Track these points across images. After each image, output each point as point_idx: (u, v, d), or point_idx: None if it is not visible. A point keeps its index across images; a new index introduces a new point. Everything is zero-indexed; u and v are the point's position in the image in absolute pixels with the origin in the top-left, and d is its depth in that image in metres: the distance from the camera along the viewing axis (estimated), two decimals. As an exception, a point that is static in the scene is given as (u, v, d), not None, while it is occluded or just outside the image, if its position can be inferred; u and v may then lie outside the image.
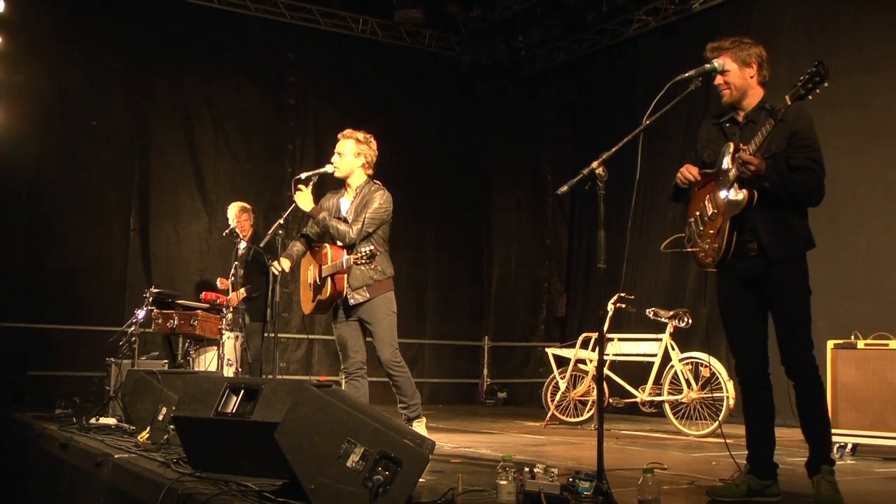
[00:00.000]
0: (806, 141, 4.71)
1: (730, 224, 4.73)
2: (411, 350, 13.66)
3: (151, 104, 12.24)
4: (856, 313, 8.85)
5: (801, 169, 4.70)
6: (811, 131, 4.75)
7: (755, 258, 4.77)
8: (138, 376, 7.11)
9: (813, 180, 4.71)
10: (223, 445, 4.42)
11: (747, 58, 4.84)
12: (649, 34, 13.13)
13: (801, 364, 4.75)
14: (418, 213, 13.89)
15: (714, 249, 4.82)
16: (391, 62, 13.98)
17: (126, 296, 11.56)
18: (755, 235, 4.75)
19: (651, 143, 12.22)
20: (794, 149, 4.70)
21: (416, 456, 4.05)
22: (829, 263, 8.90)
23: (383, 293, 6.88)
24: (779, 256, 4.72)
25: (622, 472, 5.58)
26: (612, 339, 9.93)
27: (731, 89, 4.87)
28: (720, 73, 4.88)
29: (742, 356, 4.97)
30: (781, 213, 4.73)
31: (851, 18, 10.47)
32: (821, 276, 5.73)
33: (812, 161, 4.70)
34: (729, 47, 4.89)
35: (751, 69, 4.85)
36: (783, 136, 4.68)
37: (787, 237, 4.75)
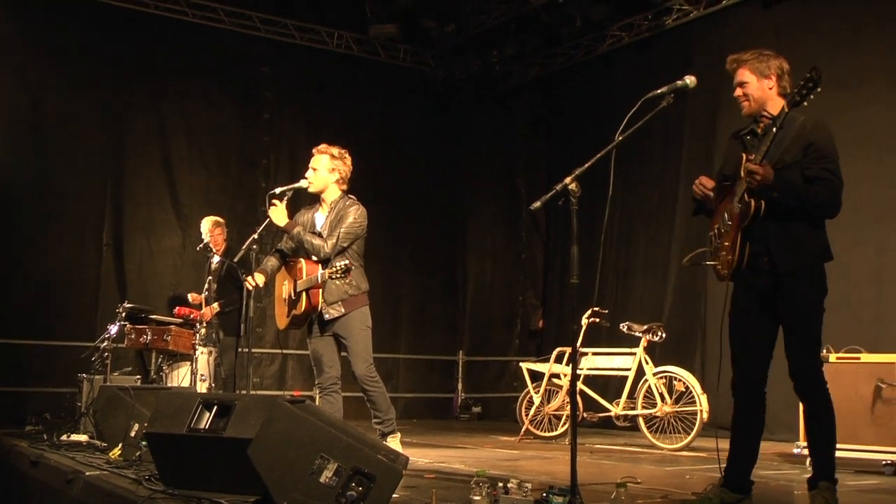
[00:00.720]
0: (822, 152, 4.71)
1: (741, 236, 4.72)
2: (385, 365, 13.62)
3: (125, 117, 12.17)
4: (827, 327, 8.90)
5: (816, 179, 4.69)
6: (828, 142, 4.76)
7: (768, 271, 4.77)
8: (110, 392, 7.07)
9: (828, 191, 4.70)
10: (196, 462, 4.39)
11: (766, 69, 4.87)
12: (623, 50, 13.21)
13: (809, 381, 4.76)
14: (392, 227, 13.87)
15: (728, 262, 4.82)
16: (366, 77, 13.98)
17: (99, 310, 11.48)
18: (766, 248, 4.74)
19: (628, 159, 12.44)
20: (809, 160, 4.70)
21: (389, 471, 4.05)
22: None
23: (358, 308, 6.87)
24: (788, 269, 4.72)
25: (596, 486, 5.59)
26: (586, 353, 9.96)
27: (749, 101, 4.92)
28: (739, 85, 4.92)
29: (742, 370, 4.97)
30: (794, 224, 4.72)
31: (823, 35, 10.58)
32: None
33: (827, 172, 4.69)
34: (748, 59, 4.94)
35: (769, 80, 4.87)
36: (799, 147, 4.70)
37: (799, 250, 4.73)
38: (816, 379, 4.77)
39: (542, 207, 4.53)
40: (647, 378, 9.34)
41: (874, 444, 7.06)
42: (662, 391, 9.23)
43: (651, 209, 12.65)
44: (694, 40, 12.22)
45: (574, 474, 4.18)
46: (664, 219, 12.41)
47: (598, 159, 4.51)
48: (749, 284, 4.88)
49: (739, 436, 4.99)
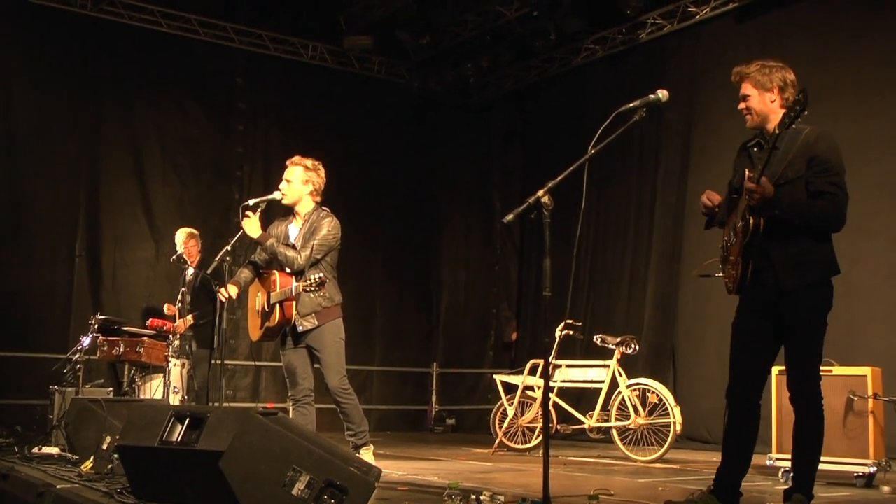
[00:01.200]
0: (826, 165, 4.72)
1: (743, 252, 4.74)
2: (359, 377, 13.59)
3: (98, 128, 12.09)
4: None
5: (820, 194, 4.70)
6: (832, 154, 4.77)
7: (771, 286, 4.77)
8: (82, 404, 7.03)
9: (832, 206, 4.71)
10: (168, 474, 4.38)
11: (767, 82, 4.90)
12: (597, 63, 13.29)
13: (806, 395, 4.77)
14: (366, 239, 13.86)
15: (732, 276, 4.83)
16: (341, 89, 13.97)
17: (71, 322, 11.38)
18: (770, 264, 4.75)
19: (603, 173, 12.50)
20: (813, 173, 4.71)
21: (361, 484, 4.05)
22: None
23: (332, 320, 6.86)
24: (792, 286, 4.72)
25: (569, 498, 5.59)
26: (559, 365, 9.97)
27: (752, 115, 4.93)
28: (742, 99, 4.95)
29: (739, 381, 4.94)
30: (798, 240, 4.72)
31: (794, 50, 10.66)
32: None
33: (831, 185, 4.70)
34: (751, 72, 4.96)
35: (771, 94, 4.89)
36: (802, 161, 4.70)
37: (802, 265, 4.73)
38: (814, 393, 4.78)
39: (515, 220, 4.54)
40: (621, 390, 9.36)
41: (846, 456, 7.09)
42: (636, 403, 9.25)
43: (626, 223, 12.71)
44: (668, 54, 12.32)
45: (546, 486, 4.18)
46: (639, 232, 12.48)
47: (570, 172, 4.52)
48: (754, 297, 4.89)
49: (732, 445, 4.96)
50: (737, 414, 4.95)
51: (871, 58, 10.12)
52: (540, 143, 14.33)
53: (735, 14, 11.40)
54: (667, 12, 12.04)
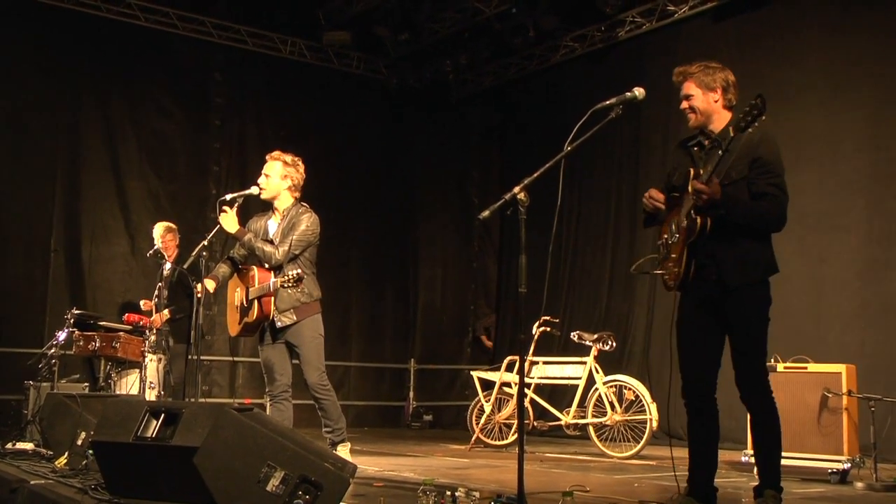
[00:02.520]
0: (768, 167, 4.77)
1: (687, 250, 4.78)
2: (336, 372, 13.58)
3: (74, 122, 12.00)
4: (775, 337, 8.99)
5: (762, 195, 4.75)
6: (774, 156, 4.82)
7: (714, 283, 4.82)
8: (57, 400, 6.99)
9: (774, 207, 4.77)
10: (143, 470, 4.36)
11: (711, 82, 4.93)
12: (576, 60, 13.30)
13: (755, 389, 4.83)
14: (344, 235, 13.84)
15: (675, 273, 4.87)
16: (319, 84, 13.94)
17: (46, 317, 11.30)
18: (714, 262, 4.79)
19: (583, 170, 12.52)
20: (755, 174, 4.75)
21: (336, 479, 4.04)
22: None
23: (310, 316, 6.87)
24: (737, 284, 4.78)
25: (545, 494, 5.61)
26: (537, 362, 10.00)
27: (696, 114, 4.96)
28: (685, 98, 4.97)
29: (691, 379, 5.00)
30: (741, 239, 4.78)
31: (770, 48, 10.75)
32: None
33: (773, 187, 4.75)
34: (694, 72, 4.99)
35: (715, 94, 4.93)
36: (745, 162, 4.74)
37: (747, 264, 4.80)
38: (762, 388, 4.84)
39: (492, 217, 4.54)
40: (598, 387, 9.40)
41: (820, 452, 7.16)
42: (612, 400, 9.29)
43: (606, 220, 12.74)
44: (646, 52, 12.35)
45: (521, 482, 4.18)
46: (619, 229, 12.52)
47: (546, 169, 4.52)
48: (695, 295, 4.94)
49: (695, 444, 5.02)
50: (696, 414, 5.02)
51: (844, 55, 10.18)
52: (519, 141, 14.33)
53: (712, 13, 11.45)
54: (645, 10, 12.06)
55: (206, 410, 4.08)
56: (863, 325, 9.66)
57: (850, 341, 9.50)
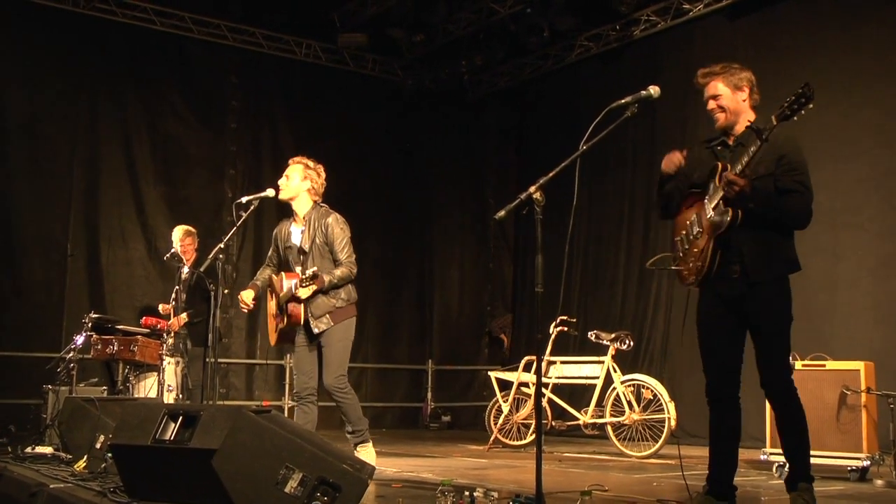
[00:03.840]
0: (794, 164, 4.76)
1: (714, 243, 4.77)
2: (353, 374, 13.57)
3: (91, 127, 12.05)
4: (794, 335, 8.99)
5: (788, 192, 4.74)
6: (799, 154, 4.81)
7: (737, 279, 4.82)
8: (75, 403, 7.01)
9: (800, 203, 4.77)
10: (161, 473, 4.37)
11: (739, 82, 4.93)
12: (591, 60, 13.28)
13: (780, 386, 4.82)
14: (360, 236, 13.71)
15: (697, 268, 4.86)
16: (334, 86, 13.96)
17: (64, 321, 11.36)
18: (739, 256, 4.79)
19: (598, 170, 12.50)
20: (781, 171, 4.75)
21: (355, 481, 4.05)
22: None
23: (345, 319, 6.96)
24: (761, 279, 4.78)
25: (563, 494, 5.61)
26: (554, 362, 9.99)
27: (725, 113, 4.95)
28: (712, 98, 4.96)
29: (715, 376, 5.00)
30: (767, 235, 4.77)
31: (787, 45, 10.72)
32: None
33: (799, 184, 4.75)
34: (720, 72, 4.97)
35: (742, 93, 4.93)
36: (772, 159, 4.74)
37: (771, 260, 4.79)
38: (788, 385, 4.83)
39: (508, 217, 4.54)
40: (616, 386, 9.37)
41: (839, 450, 7.13)
42: (630, 399, 9.27)
43: (620, 219, 12.73)
44: (662, 51, 12.32)
45: (539, 482, 4.18)
46: (634, 229, 12.51)
47: (562, 169, 4.52)
48: (717, 292, 4.93)
49: (717, 442, 5.02)
50: (719, 413, 5.01)
51: (859, 51, 10.16)
52: (534, 141, 14.32)
53: (728, 11, 11.41)
54: (660, 9, 12.04)
55: (224, 413, 4.09)
56: (877, 321, 9.63)
57: (863, 338, 9.48)
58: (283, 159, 13.37)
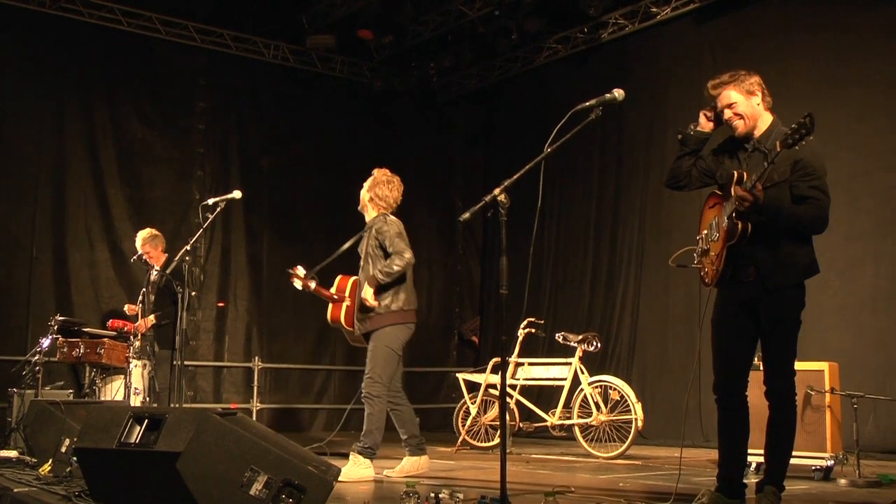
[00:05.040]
0: (809, 169, 4.78)
1: (727, 252, 4.82)
2: (321, 376, 13.62)
3: (58, 128, 11.92)
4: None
5: (804, 199, 4.77)
6: (816, 158, 4.83)
7: (752, 283, 4.86)
8: (41, 406, 6.97)
9: (815, 210, 4.78)
10: (126, 476, 4.35)
11: (750, 87, 4.94)
12: (560, 62, 13.33)
13: (781, 390, 4.88)
14: (328, 239, 13.82)
15: (714, 271, 4.92)
16: (303, 88, 13.92)
17: (30, 324, 11.24)
18: (754, 262, 4.82)
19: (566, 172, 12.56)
20: (797, 177, 4.77)
21: (320, 482, 4.05)
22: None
23: (386, 326, 7.22)
24: (776, 285, 4.81)
25: (530, 495, 5.62)
26: (522, 363, 10.01)
27: (744, 119, 4.95)
28: (728, 107, 4.95)
29: (724, 376, 5.04)
30: (782, 242, 4.80)
31: (754, 49, 10.80)
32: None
33: (815, 189, 4.77)
34: (730, 80, 4.96)
35: (756, 97, 4.94)
36: (786, 165, 4.75)
37: (787, 266, 4.83)
38: (791, 389, 4.91)
39: (476, 219, 4.58)
40: (583, 387, 9.41)
41: (804, 450, 7.17)
42: (598, 400, 9.30)
43: (588, 221, 12.78)
44: (629, 54, 12.40)
45: (504, 483, 4.20)
46: (602, 230, 12.56)
47: (526, 171, 4.55)
48: (733, 295, 4.99)
49: (726, 441, 5.06)
50: (727, 409, 5.06)
51: (824, 56, 10.27)
52: (503, 143, 14.36)
53: (695, 15, 11.50)
54: (628, 12, 12.09)
55: (190, 416, 4.07)
56: (844, 323, 9.73)
57: (831, 339, 9.56)
58: (252, 161, 13.46)
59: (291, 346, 13.51)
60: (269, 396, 13.09)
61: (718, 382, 5.06)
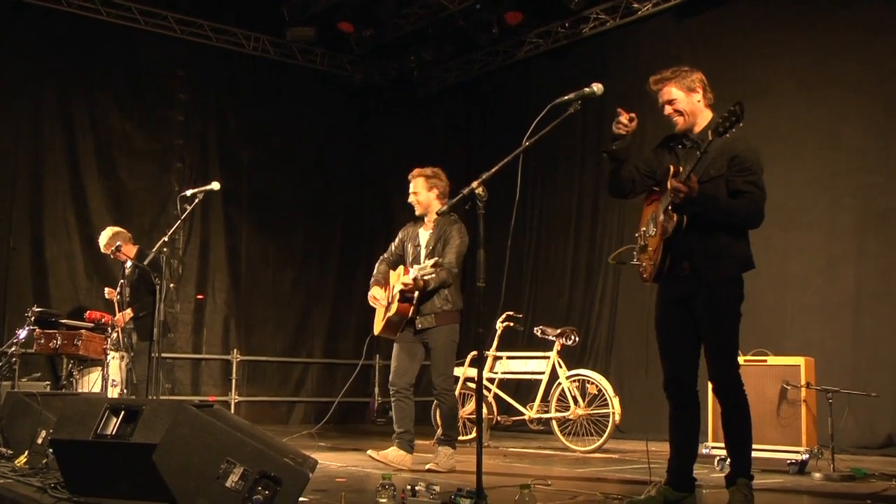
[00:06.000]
0: (745, 164, 4.81)
1: (663, 246, 4.83)
2: (298, 369, 13.61)
3: (35, 119, 11.85)
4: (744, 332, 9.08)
5: (740, 193, 4.78)
6: (752, 154, 4.86)
7: (688, 278, 4.88)
8: (17, 398, 6.93)
9: (751, 204, 4.80)
10: (103, 468, 4.34)
11: (691, 84, 4.97)
12: (541, 57, 13.34)
13: (728, 383, 4.88)
14: (307, 232, 13.84)
15: (651, 266, 4.94)
16: (283, 80, 13.88)
17: (7, 315, 11.17)
18: (689, 256, 4.84)
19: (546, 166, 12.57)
20: (733, 172, 4.80)
21: (296, 475, 4.05)
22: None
23: (449, 323, 7.19)
24: (711, 279, 4.83)
25: (507, 488, 5.63)
26: (500, 357, 10.04)
27: (683, 116, 4.98)
28: (668, 103, 4.98)
29: (671, 373, 5.07)
30: (717, 235, 4.82)
31: (734, 46, 10.85)
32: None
33: (751, 184, 4.78)
34: (671, 77, 5.00)
35: (696, 94, 4.97)
36: (723, 160, 4.78)
37: (722, 259, 4.84)
38: (735, 382, 4.90)
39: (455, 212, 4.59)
40: (561, 381, 9.44)
41: (780, 443, 7.25)
42: (575, 394, 9.33)
43: (569, 215, 12.80)
44: (610, 49, 12.43)
45: (479, 476, 4.21)
46: (582, 224, 12.59)
47: (504, 164, 4.56)
48: (671, 290, 5.02)
49: (676, 435, 5.09)
50: (677, 406, 5.09)
51: (805, 54, 10.32)
52: (484, 137, 14.36)
53: (675, 11, 11.53)
54: (609, 7, 12.11)
55: (166, 408, 4.07)
56: (825, 319, 9.78)
57: (812, 336, 9.63)
58: (231, 153, 13.41)
59: (269, 339, 13.50)
60: (247, 389, 13.08)
61: (666, 379, 5.10)
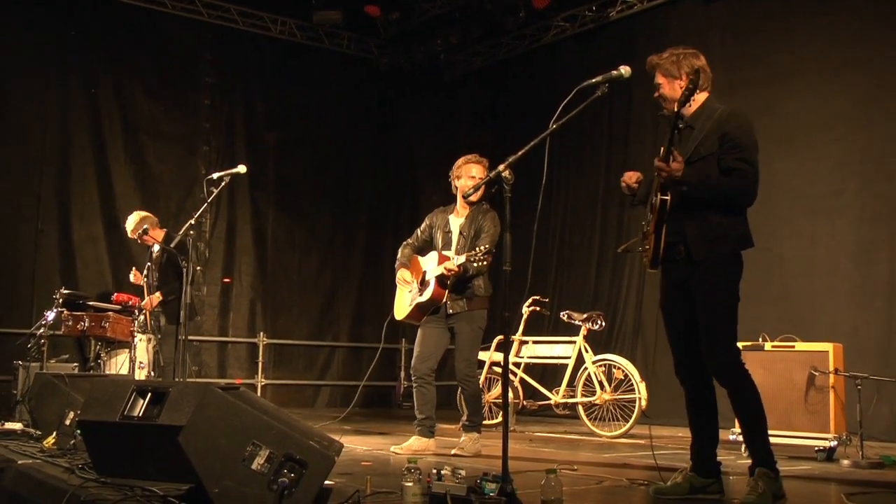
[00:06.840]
0: (736, 142, 4.76)
1: (656, 227, 4.79)
2: (324, 352, 13.64)
3: (62, 103, 11.93)
4: (764, 317, 9.04)
5: (730, 170, 4.74)
6: (742, 131, 4.80)
7: (684, 261, 4.85)
8: (45, 379, 6.98)
9: (741, 181, 4.74)
10: (129, 449, 4.35)
11: (675, 71, 4.95)
12: (567, 41, 13.27)
13: (724, 368, 4.81)
14: (334, 216, 13.86)
15: (649, 252, 4.88)
16: (309, 64, 13.89)
17: (35, 297, 11.25)
18: (682, 237, 4.81)
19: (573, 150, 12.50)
20: (724, 150, 4.76)
21: (321, 458, 4.04)
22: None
23: (478, 309, 7.21)
24: (703, 258, 4.79)
25: (533, 472, 5.62)
26: (526, 341, 10.03)
27: (667, 102, 4.98)
28: (655, 89, 5.01)
29: (681, 358, 5.04)
30: (709, 214, 4.77)
31: (762, 30, 10.74)
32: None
33: (742, 161, 4.73)
34: (659, 62, 5.03)
35: (680, 81, 4.92)
36: (714, 138, 4.76)
37: (714, 239, 4.79)
38: (733, 367, 4.80)
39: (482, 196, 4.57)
40: (587, 366, 9.42)
41: (807, 430, 7.21)
42: (602, 379, 9.31)
43: (595, 199, 12.74)
44: (637, 33, 12.32)
45: (505, 460, 4.20)
46: (609, 209, 12.53)
47: (531, 147, 4.54)
48: (670, 276, 4.99)
49: (693, 420, 5.07)
50: (691, 392, 5.05)
51: (835, 38, 10.19)
52: (510, 121, 14.30)
53: (703, -6, 11.44)
54: (637, -10, 12.05)
55: (193, 389, 4.07)
56: (853, 306, 9.69)
57: (841, 322, 9.53)
58: (258, 136, 13.43)
59: (295, 322, 13.54)
60: (273, 372, 13.13)
61: (677, 364, 5.08)
